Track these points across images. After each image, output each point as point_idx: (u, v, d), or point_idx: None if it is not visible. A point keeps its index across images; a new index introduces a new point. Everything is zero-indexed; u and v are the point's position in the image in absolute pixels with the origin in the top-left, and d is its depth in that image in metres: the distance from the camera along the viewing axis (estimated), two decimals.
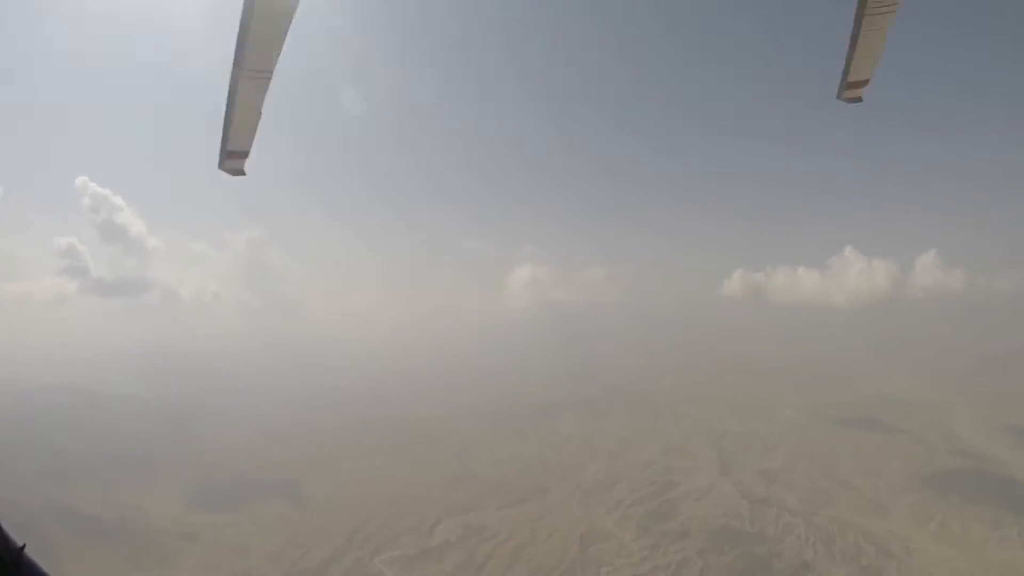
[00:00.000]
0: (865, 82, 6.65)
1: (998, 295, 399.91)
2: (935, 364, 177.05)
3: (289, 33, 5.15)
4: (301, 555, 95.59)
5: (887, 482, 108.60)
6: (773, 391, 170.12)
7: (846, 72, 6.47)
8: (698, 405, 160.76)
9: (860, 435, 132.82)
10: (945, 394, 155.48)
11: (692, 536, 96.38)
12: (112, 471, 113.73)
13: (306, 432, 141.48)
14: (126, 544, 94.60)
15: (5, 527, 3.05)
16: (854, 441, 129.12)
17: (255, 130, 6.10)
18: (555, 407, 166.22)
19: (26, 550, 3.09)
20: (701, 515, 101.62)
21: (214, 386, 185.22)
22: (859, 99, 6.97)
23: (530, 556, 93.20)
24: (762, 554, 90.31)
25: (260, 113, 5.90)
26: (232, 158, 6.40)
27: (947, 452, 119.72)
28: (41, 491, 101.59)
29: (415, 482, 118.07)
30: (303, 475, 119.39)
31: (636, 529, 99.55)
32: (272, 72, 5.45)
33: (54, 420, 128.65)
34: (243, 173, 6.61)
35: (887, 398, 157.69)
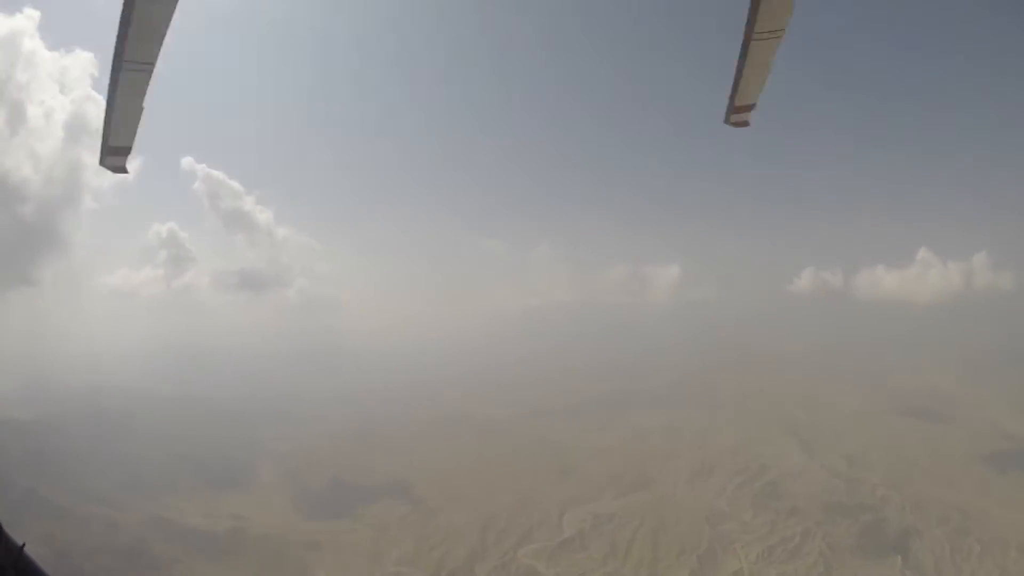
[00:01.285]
0: (752, 106, 6.67)
1: None
2: (976, 359, 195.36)
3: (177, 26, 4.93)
4: (441, 556, 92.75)
5: (950, 461, 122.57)
6: (832, 384, 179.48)
7: (733, 96, 6.43)
8: (762, 398, 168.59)
9: (916, 423, 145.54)
10: (985, 387, 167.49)
11: (804, 511, 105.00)
12: (197, 478, 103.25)
13: (386, 432, 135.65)
14: (246, 557, 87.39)
15: (4, 527, 3.04)
16: (912, 428, 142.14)
17: (137, 126, 5.86)
18: (623, 402, 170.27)
19: (25, 548, 3.10)
20: (804, 492, 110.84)
21: (266, 384, 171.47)
22: (746, 123, 6.95)
23: (670, 539, 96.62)
24: (872, 521, 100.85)
25: (142, 108, 5.64)
26: (114, 154, 6.14)
27: (996, 436, 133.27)
28: (131, 505, 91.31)
29: (522, 477, 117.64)
30: (409, 475, 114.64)
31: (752, 508, 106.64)
32: (153, 66, 5.19)
33: (121, 425, 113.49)
34: (125, 171, 6.36)
35: (933, 390, 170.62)
